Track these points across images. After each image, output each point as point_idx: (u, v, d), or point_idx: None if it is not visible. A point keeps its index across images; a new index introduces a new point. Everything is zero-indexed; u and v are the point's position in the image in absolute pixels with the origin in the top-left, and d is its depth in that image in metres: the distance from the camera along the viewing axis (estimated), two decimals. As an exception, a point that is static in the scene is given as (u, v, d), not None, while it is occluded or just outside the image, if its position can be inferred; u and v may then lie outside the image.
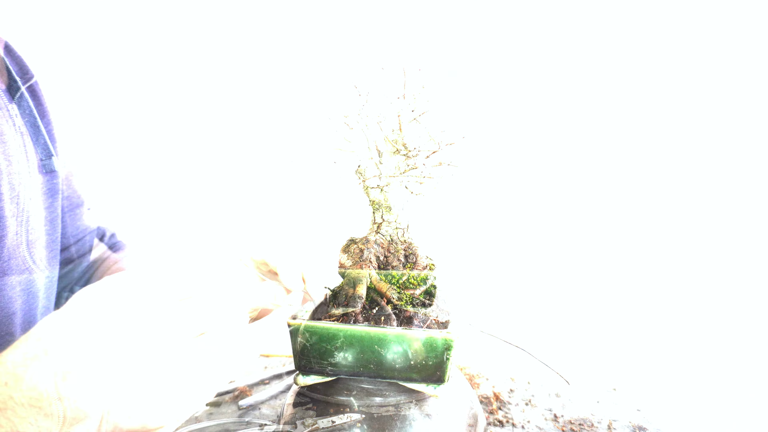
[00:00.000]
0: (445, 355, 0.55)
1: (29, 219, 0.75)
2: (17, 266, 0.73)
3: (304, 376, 0.60)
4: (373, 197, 0.68)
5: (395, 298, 0.62)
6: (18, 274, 0.73)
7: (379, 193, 0.68)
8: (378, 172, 0.68)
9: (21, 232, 0.73)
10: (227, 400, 0.91)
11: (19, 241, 0.73)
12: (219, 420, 0.83)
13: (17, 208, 0.72)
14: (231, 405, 0.89)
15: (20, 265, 0.73)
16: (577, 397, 0.94)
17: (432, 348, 0.55)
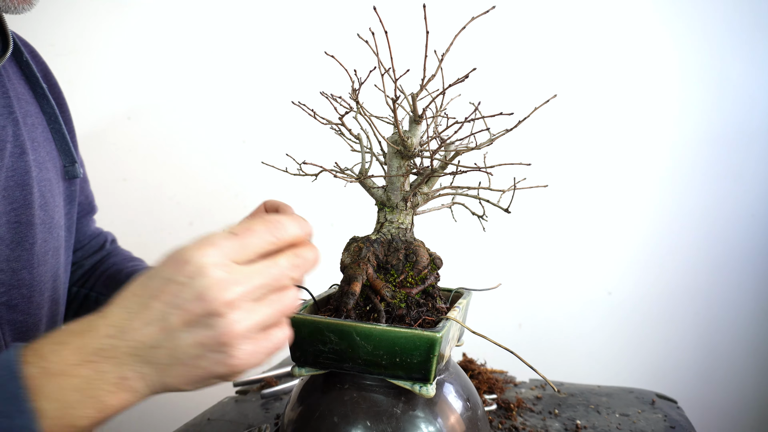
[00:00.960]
0: (429, 354, 0.56)
1: (55, 226, 0.75)
2: (45, 272, 0.72)
3: (299, 367, 0.63)
4: (377, 197, 0.70)
5: (389, 296, 0.63)
6: (46, 281, 0.73)
7: (382, 193, 0.69)
8: (383, 173, 0.69)
9: (49, 239, 0.73)
10: (254, 389, 0.96)
11: (47, 248, 0.73)
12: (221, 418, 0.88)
13: (46, 215, 0.72)
14: (256, 394, 0.94)
15: (48, 271, 0.73)
16: (609, 409, 0.89)
17: (415, 346, 0.56)
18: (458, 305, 0.66)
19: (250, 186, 1.51)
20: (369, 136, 0.70)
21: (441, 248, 0.71)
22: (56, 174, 0.76)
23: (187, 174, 1.49)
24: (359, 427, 0.58)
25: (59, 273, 0.76)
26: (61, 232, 0.76)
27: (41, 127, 0.74)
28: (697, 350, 1.64)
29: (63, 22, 1.38)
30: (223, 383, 0.47)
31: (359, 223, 1.11)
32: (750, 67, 1.51)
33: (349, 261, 0.67)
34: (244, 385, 0.96)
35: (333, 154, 0.83)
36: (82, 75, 1.42)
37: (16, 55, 0.73)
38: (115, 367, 0.42)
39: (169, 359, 0.43)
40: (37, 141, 0.72)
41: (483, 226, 0.78)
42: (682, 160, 1.57)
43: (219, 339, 0.42)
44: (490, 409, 0.85)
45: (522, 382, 1.03)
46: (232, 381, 0.46)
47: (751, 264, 1.60)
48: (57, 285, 0.75)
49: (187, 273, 0.42)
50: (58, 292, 0.76)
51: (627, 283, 1.62)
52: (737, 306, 1.62)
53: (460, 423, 0.63)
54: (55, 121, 0.75)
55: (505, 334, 1.61)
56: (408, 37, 0.85)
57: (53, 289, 0.74)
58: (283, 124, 1.51)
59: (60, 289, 0.77)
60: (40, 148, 0.72)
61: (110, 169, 1.45)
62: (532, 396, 0.94)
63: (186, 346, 0.42)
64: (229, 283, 0.42)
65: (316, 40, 1.49)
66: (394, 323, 0.61)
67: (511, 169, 0.66)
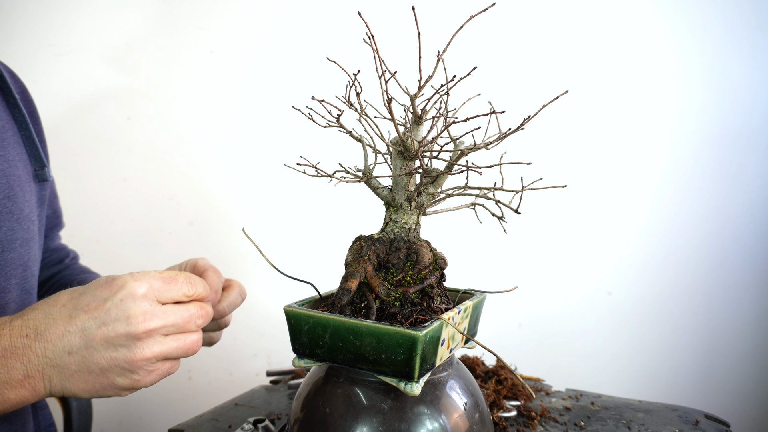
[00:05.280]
0: (411, 352, 0.56)
1: (24, 219, 0.75)
2: (13, 260, 0.72)
3: (299, 358, 0.66)
4: (382, 197, 0.71)
5: (383, 293, 0.64)
6: (14, 267, 0.73)
7: (387, 193, 0.70)
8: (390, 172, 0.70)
9: (17, 229, 0.73)
10: (286, 380, 1.01)
11: (14, 237, 0.72)
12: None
13: (14, 206, 0.72)
14: (285, 384, 0.99)
15: (15, 258, 0.73)
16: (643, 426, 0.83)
17: (398, 343, 0.56)
18: (459, 306, 0.66)
19: (250, 186, 1.50)
20: (372, 138, 0.72)
21: (442, 249, 0.71)
22: (27, 174, 0.77)
23: (187, 174, 1.48)
24: (348, 420, 0.60)
25: (29, 264, 0.76)
26: (32, 227, 0.77)
27: (11, 132, 0.76)
28: (696, 350, 1.63)
29: (63, 22, 1.36)
30: None
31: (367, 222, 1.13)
32: (750, 67, 1.50)
33: (350, 259, 0.69)
34: (276, 375, 1.02)
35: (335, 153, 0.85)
36: (82, 75, 1.40)
37: None
38: (23, 365, 0.49)
39: (78, 367, 0.50)
40: (6, 141, 0.73)
41: (504, 228, 0.76)
42: (682, 161, 1.55)
43: (131, 359, 0.50)
44: (508, 416, 0.83)
45: (557, 392, 0.99)
46: (123, 396, 0.54)
47: (751, 264, 1.58)
48: (26, 275, 0.75)
49: (121, 296, 0.51)
50: (30, 283, 0.76)
51: (627, 283, 1.60)
52: (737, 306, 1.61)
53: (456, 424, 0.62)
54: (26, 128, 0.77)
55: (506, 334, 1.61)
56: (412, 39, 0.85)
57: (22, 278, 0.74)
58: (283, 124, 1.49)
59: (30, 280, 0.77)
60: (9, 148, 0.74)
61: (110, 169, 1.43)
62: (561, 406, 0.90)
63: (100, 357, 0.50)
64: (152, 314, 0.51)
65: (316, 39, 1.48)
66: (385, 321, 0.63)
67: (514, 171, 0.65)
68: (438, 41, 0.64)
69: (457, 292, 0.75)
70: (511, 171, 0.66)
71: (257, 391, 0.96)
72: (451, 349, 0.67)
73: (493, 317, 1.56)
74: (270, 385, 1.00)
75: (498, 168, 0.70)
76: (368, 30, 0.57)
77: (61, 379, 0.50)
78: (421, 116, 0.66)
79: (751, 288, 1.59)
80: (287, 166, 0.83)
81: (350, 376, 0.63)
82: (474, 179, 0.68)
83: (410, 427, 0.59)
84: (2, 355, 0.48)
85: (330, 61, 0.68)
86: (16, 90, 0.83)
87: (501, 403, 0.85)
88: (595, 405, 0.91)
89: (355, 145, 0.76)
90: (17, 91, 0.84)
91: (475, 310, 0.72)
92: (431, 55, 0.63)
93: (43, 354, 0.49)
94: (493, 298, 1.29)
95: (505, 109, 0.60)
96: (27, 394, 0.50)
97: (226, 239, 1.48)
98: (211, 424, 0.83)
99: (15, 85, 0.84)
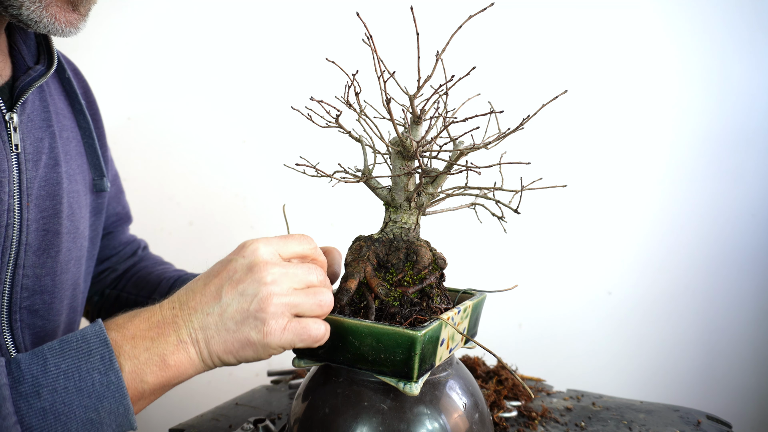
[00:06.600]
0: (410, 352, 0.56)
1: (79, 236, 0.76)
2: (67, 281, 0.73)
3: (298, 359, 0.66)
4: (382, 197, 0.71)
5: (383, 294, 0.64)
6: (67, 288, 0.74)
7: (387, 194, 0.70)
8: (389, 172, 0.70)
9: (73, 248, 0.74)
10: (286, 380, 1.01)
11: (71, 257, 0.74)
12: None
13: (72, 225, 0.74)
14: (286, 384, 0.99)
15: (69, 279, 0.74)
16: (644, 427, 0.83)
17: (397, 343, 0.56)
18: (459, 306, 0.66)
19: (250, 186, 1.50)
20: (372, 138, 0.72)
21: (441, 249, 0.71)
22: (85, 186, 0.79)
23: (187, 174, 1.48)
24: (348, 420, 0.60)
25: (79, 281, 0.78)
26: (84, 242, 0.79)
27: (75, 141, 0.77)
28: (697, 350, 1.63)
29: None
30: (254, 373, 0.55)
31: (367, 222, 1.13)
32: (750, 67, 1.50)
33: (350, 259, 0.69)
34: (277, 375, 1.02)
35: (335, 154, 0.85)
36: (81, 75, 1.44)
37: (59, 72, 0.77)
38: (175, 332, 0.53)
39: (216, 326, 0.53)
40: (69, 154, 0.75)
41: (504, 228, 0.76)
42: (682, 160, 1.55)
43: (259, 305, 0.52)
44: (509, 416, 0.83)
45: (558, 392, 0.99)
46: (264, 358, 0.56)
47: (751, 264, 1.58)
48: (76, 293, 0.77)
49: (243, 253, 0.55)
50: (77, 300, 0.78)
51: (627, 283, 1.60)
52: (738, 306, 1.61)
53: (455, 424, 0.62)
54: (89, 136, 0.79)
55: (506, 334, 1.62)
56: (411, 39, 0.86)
57: (72, 297, 0.76)
58: (282, 124, 1.49)
59: (78, 297, 0.79)
60: (72, 161, 0.75)
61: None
62: (562, 406, 0.90)
63: (232, 312, 0.53)
64: (274, 264, 0.55)
65: (315, 39, 1.48)
66: (384, 321, 0.63)
67: (513, 171, 0.65)
68: (437, 41, 0.64)
69: (456, 292, 0.75)
70: (511, 171, 0.66)
71: (258, 391, 0.96)
72: (450, 350, 0.67)
73: (493, 317, 1.56)
74: (271, 384, 1.00)
75: (497, 168, 0.70)
76: (367, 30, 0.57)
77: (206, 342, 0.54)
78: (420, 116, 0.66)
79: (752, 288, 1.59)
80: (287, 166, 0.83)
81: (350, 376, 0.63)
82: (473, 179, 0.68)
83: (410, 427, 0.59)
84: (157, 327, 0.53)
85: (329, 61, 0.68)
86: (80, 90, 0.83)
87: (501, 403, 0.85)
88: (596, 405, 0.91)
89: (354, 145, 0.76)
90: (81, 92, 0.83)
91: (475, 310, 0.72)
92: (430, 55, 0.63)
93: (189, 320, 0.54)
94: (493, 298, 1.30)
95: (504, 109, 0.60)
96: (183, 359, 0.53)
97: (226, 239, 1.48)
98: (212, 423, 0.83)
99: (79, 85, 0.84)
